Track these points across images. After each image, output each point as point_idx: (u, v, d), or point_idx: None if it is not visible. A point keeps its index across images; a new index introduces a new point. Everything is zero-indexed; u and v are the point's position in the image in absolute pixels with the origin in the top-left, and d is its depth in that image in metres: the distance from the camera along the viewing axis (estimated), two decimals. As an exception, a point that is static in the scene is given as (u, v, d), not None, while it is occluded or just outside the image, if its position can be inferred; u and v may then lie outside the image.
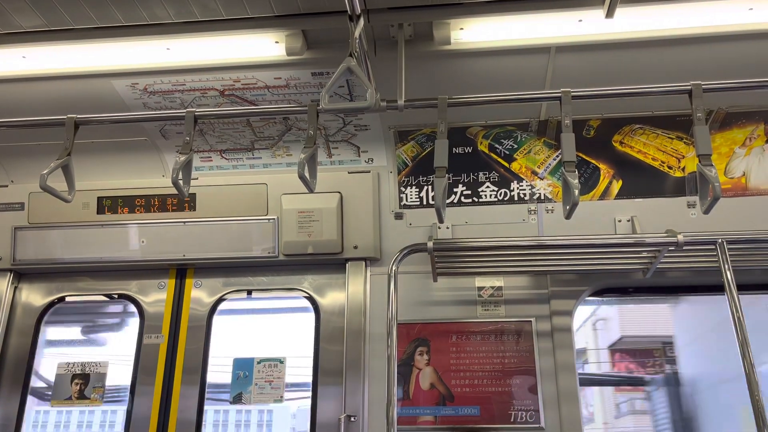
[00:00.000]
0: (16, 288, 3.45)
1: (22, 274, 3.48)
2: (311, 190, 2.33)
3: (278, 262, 3.28)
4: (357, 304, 3.16)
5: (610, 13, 2.27)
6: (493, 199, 3.25)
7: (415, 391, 3.01)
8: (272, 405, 3.22)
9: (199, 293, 3.37)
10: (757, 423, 2.28)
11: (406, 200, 3.30)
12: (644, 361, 5.36)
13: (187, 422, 3.14)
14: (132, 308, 3.40)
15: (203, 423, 3.15)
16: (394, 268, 2.79)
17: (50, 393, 3.32)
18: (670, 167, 3.16)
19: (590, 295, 3.17)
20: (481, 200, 3.25)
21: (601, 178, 3.19)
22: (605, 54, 2.76)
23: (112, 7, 2.47)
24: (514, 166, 3.26)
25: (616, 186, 3.18)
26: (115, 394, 3.30)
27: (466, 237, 3.15)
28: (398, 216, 3.29)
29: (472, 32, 2.65)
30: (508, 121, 3.23)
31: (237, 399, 3.17)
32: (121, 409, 3.23)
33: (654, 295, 3.31)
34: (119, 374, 3.31)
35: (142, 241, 3.31)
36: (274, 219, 3.26)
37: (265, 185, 3.33)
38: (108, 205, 3.38)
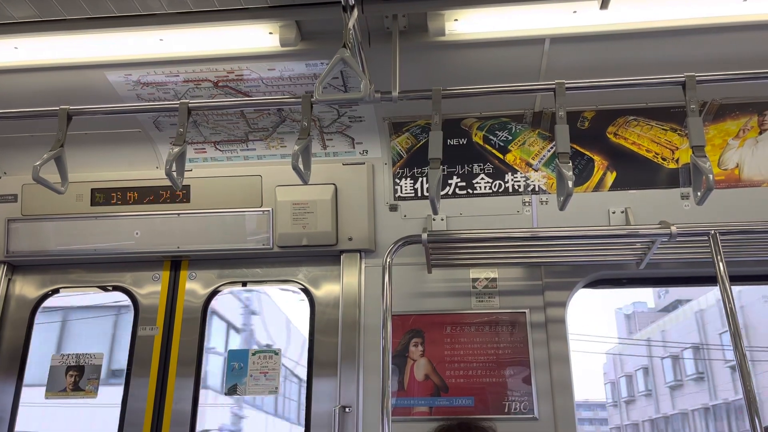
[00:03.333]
0: (9, 280, 3.44)
1: (16, 267, 3.47)
2: (305, 182, 2.33)
3: (273, 254, 3.28)
4: (352, 295, 3.16)
5: (604, 5, 2.27)
6: (487, 190, 3.25)
7: (410, 383, 3.02)
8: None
9: (193, 285, 3.37)
10: (749, 412, 2.29)
11: (401, 192, 3.30)
12: None
13: (182, 414, 3.14)
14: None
15: (198, 414, 3.16)
16: (388, 260, 2.79)
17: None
18: (663, 159, 3.17)
19: (584, 287, 3.18)
20: (475, 192, 3.26)
21: (595, 169, 3.20)
22: (599, 45, 2.75)
23: (104, -2, 2.45)
24: (509, 158, 3.26)
25: (610, 177, 3.19)
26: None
27: (461, 228, 3.16)
28: (393, 208, 3.29)
29: (467, 23, 2.64)
30: (502, 112, 3.23)
31: (232, 390, 3.17)
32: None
33: (647, 286, 3.32)
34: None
35: (136, 233, 3.30)
36: (268, 211, 3.26)
37: (259, 177, 3.32)
38: (102, 196, 3.37)
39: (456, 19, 2.61)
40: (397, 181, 3.31)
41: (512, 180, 3.24)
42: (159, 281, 3.39)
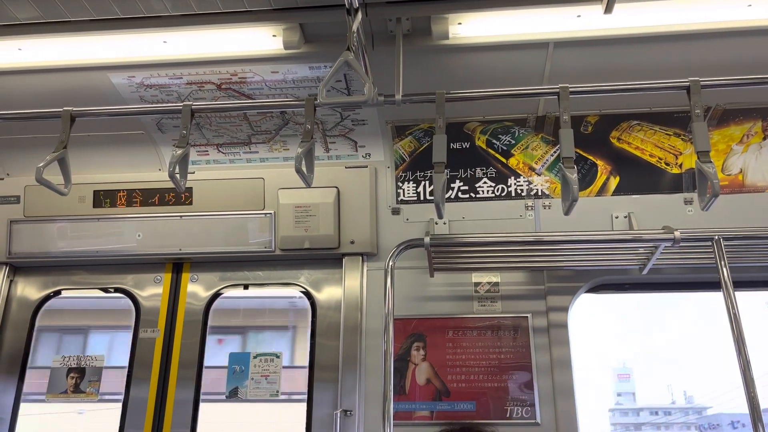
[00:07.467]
0: (11, 282, 3.44)
1: (18, 268, 3.47)
2: (308, 185, 2.32)
3: (275, 257, 3.28)
4: (353, 299, 3.16)
5: (608, 9, 2.26)
6: (490, 194, 3.24)
7: (411, 387, 3.01)
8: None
9: (195, 287, 3.36)
10: (753, 419, 2.28)
11: (403, 195, 3.29)
12: None
13: (183, 416, 3.13)
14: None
15: (199, 417, 3.15)
16: (390, 264, 2.79)
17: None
18: (667, 164, 3.16)
19: (586, 291, 3.17)
20: (478, 196, 3.25)
21: (599, 174, 3.19)
22: (603, 50, 2.75)
23: (108, 0, 2.45)
24: (512, 162, 3.25)
25: (614, 182, 3.18)
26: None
27: (463, 232, 3.15)
28: (395, 211, 3.29)
29: (471, 27, 2.64)
30: (505, 116, 3.22)
31: (233, 394, 3.17)
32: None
33: (650, 291, 3.31)
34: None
35: (139, 235, 3.30)
36: (270, 213, 3.26)
37: (262, 180, 3.32)
38: (104, 198, 3.37)
39: (460, 23, 2.61)
40: (400, 184, 3.30)
41: (515, 184, 3.24)
42: (161, 283, 3.39)
